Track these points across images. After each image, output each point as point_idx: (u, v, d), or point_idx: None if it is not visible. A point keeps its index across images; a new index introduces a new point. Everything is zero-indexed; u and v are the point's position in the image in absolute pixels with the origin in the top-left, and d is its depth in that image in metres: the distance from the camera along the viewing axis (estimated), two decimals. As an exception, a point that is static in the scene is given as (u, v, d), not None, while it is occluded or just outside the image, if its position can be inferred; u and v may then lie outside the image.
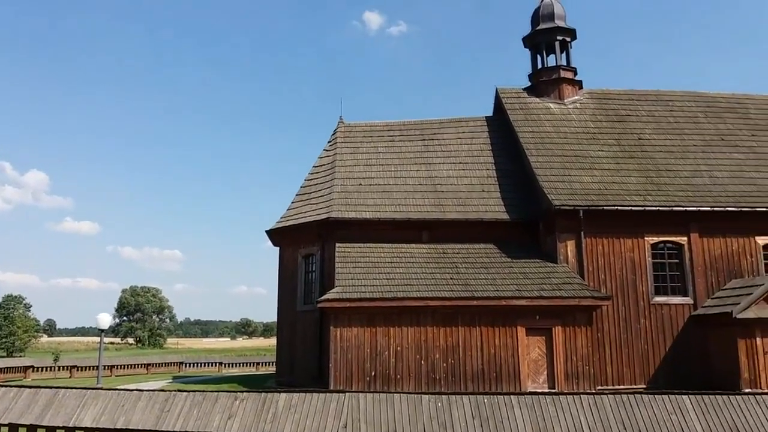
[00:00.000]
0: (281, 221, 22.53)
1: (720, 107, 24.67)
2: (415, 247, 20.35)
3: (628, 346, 18.80)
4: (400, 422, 5.87)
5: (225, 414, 6.10)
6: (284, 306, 22.48)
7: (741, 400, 7.14)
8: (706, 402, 6.91)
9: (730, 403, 7.01)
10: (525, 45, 26.15)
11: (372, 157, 23.33)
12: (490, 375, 17.29)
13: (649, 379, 18.57)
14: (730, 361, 17.56)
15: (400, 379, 17.15)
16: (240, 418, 6.02)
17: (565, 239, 19.38)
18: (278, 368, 22.86)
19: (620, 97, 24.87)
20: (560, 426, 6.05)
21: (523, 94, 24.85)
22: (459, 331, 17.53)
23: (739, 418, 6.86)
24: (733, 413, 6.94)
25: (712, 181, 20.89)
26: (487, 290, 17.81)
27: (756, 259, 19.64)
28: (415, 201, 21.45)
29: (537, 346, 17.54)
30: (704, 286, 19.35)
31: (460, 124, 24.76)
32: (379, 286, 18.01)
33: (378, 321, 17.50)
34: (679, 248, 19.65)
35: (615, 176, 20.85)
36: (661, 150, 22.30)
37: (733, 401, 7.06)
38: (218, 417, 6.11)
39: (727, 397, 6.97)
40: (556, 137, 22.52)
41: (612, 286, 19.11)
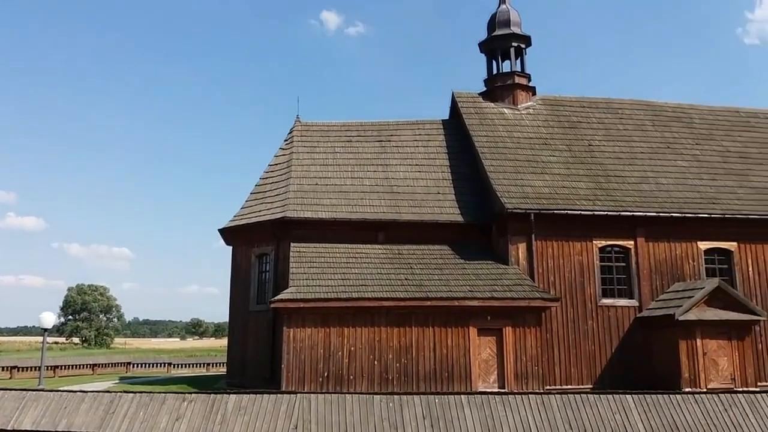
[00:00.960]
0: (235, 220, 22.22)
1: (666, 116, 25.58)
2: (371, 247, 20.38)
3: (576, 347, 19.28)
4: (352, 423, 5.87)
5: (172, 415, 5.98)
6: (236, 306, 22.18)
7: (681, 399, 7.42)
8: (648, 401, 7.14)
9: (670, 402, 7.26)
10: (481, 50, 26.53)
11: (329, 157, 23.25)
12: (442, 375, 17.45)
13: (596, 380, 19.09)
14: (671, 361, 18.21)
15: (353, 380, 17.13)
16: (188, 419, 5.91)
17: (517, 242, 19.74)
18: (229, 369, 22.53)
19: (572, 104, 25.50)
20: (509, 425, 6.17)
21: (479, 98, 25.21)
22: (412, 332, 17.63)
23: (678, 417, 7.11)
24: (673, 412, 7.20)
25: (658, 188, 21.63)
26: (441, 291, 17.98)
27: (698, 263, 20.44)
28: (372, 202, 21.48)
29: (488, 347, 17.81)
30: (649, 289, 20.01)
31: (417, 127, 24.93)
32: (334, 286, 17.96)
33: (332, 321, 17.44)
34: (625, 252, 20.27)
35: (565, 181, 21.36)
36: (610, 156, 22.97)
37: (673, 400, 7.33)
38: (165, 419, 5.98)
39: (667, 396, 7.23)
40: (509, 142, 22.92)
41: (561, 288, 19.57)
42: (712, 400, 7.25)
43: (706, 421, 7.17)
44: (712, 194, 21.63)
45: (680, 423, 6.83)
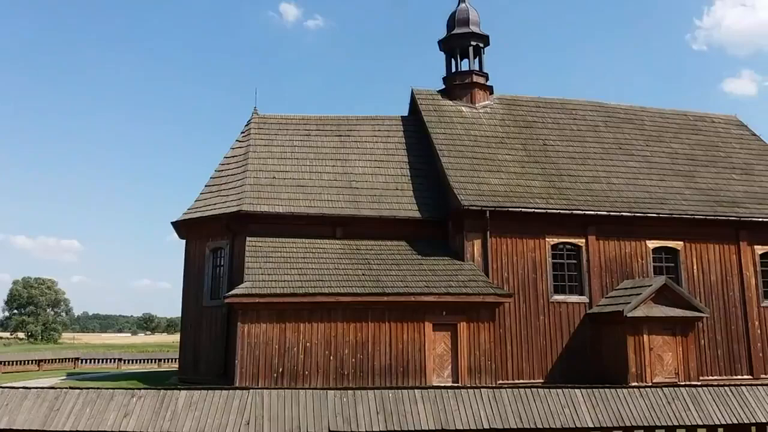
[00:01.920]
0: (189, 213, 21.79)
1: (618, 118, 26.29)
2: (329, 242, 20.30)
3: (528, 342, 19.67)
4: (305, 418, 5.85)
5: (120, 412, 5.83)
6: (189, 301, 21.78)
7: (627, 393, 7.64)
8: (596, 395, 7.33)
9: (617, 396, 7.47)
10: (440, 48, 26.70)
11: (287, 150, 23.03)
12: (397, 370, 17.55)
13: (547, 374, 19.51)
14: (619, 356, 18.77)
15: (308, 375, 17.05)
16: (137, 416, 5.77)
17: (473, 238, 19.99)
18: (182, 365, 22.13)
19: (528, 103, 25.94)
20: (461, 419, 6.25)
21: (437, 96, 25.38)
22: (369, 327, 17.67)
23: (624, 410, 7.32)
24: (620, 405, 7.40)
25: (609, 187, 22.22)
26: (398, 286, 18.06)
27: (646, 261, 21.10)
28: (330, 197, 21.39)
29: (443, 342, 17.99)
30: (599, 285, 20.55)
31: (376, 122, 24.93)
32: (290, 281, 17.83)
33: (288, 317, 17.31)
34: (577, 249, 20.77)
35: (520, 179, 21.72)
36: (564, 156, 23.47)
37: (620, 394, 7.54)
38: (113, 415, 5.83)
39: (614, 390, 7.44)
40: (466, 140, 23.16)
41: (514, 284, 19.91)
42: (657, 394, 7.50)
43: (651, 414, 7.41)
44: (661, 194, 22.36)
45: (626, 415, 7.04)
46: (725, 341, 21.07)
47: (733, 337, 21.18)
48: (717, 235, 21.71)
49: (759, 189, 23.84)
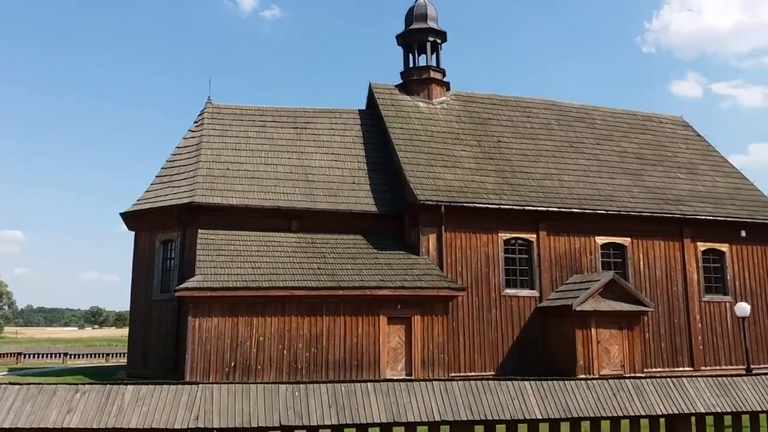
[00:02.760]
0: (138, 204, 21.22)
1: (571, 116, 26.88)
2: (284, 236, 20.12)
3: (480, 335, 19.97)
4: (256, 412, 5.77)
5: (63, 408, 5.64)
6: (139, 294, 21.25)
7: (574, 384, 7.82)
8: (545, 387, 7.48)
9: (564, 388, 7.64)
10: (398, 43, 26.72)
11: (241, 141, 22.68)
12: (351, 363, 17.56)
13: (498, 366, 19.87)
14: (568, 349, 19.25)
15: (261, 370, 16.90)
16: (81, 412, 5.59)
17: (428, 233, 20.14)
18: (130, 360, 21.59)
19: (483, 100, 26.24)
20: (413, 411, 6.28)
21: (395, 90, 25.41)
22: (323, 321, 17.61)
23: (571, 401, 7.50)
24: (567, 397, 7.57)
25: (561, 184, 22.72)
26: (353, 280, 18.06)
27: (594, 256, 21.69)
28: (286, 189, 21.18)
29: (397, 335, 18.10)
30: (549, 280, 21.02)
31: (333, 115, 24.79)
32: (244, 275, 17.60)
33: (240, 311, 17.09)
34: (528, 245, 21.17)
35: (475, 175, 21.99)
36: (517, 153, 23.86)
37: (567, 386, 7.71)
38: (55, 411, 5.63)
39: (562, 382, 7.61)
40: (423, 135, 23.29)
41: (468, 278, 20.16)
42: (602, 386, 7.71)
43: (596, 405, 7.61)
44: (610, 192, 22.99)
45: (573, 407, 7.22)
46: (668, 334, 21.87)
47: (676, 330, 22.00)
48: (662, 231, 22.49)
49: (702, 188, 24.80)
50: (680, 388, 8.24)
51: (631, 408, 7.79)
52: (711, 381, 8.56)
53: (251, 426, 5.63)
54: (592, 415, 7.59)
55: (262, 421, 5.66)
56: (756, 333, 22.75)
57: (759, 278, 23.43)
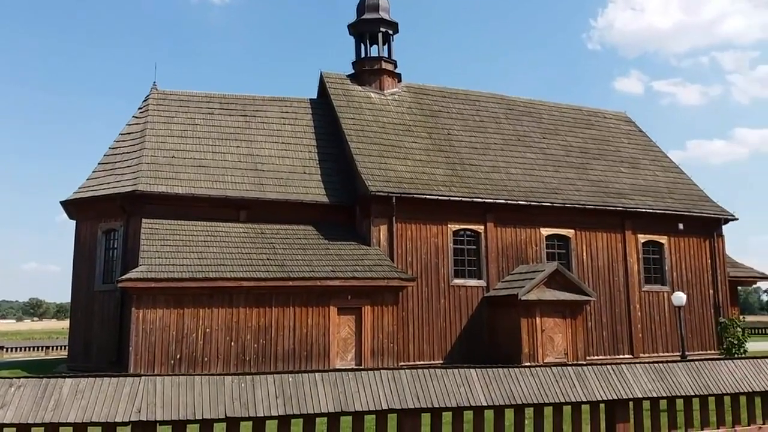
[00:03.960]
0: (80, 192, 20.48)
1: (518, 110, 27.36)
2: (232, 226, 19.79)
3: (429, 325, 20.20)
4: (200, 405, 5.67)
5: (-4, 404, 5.40)
6: (80, 285, 20.54)
7: (518, 372, 8.00)
8: (490, 375, 7.63)
9: (509, 375, 7.81)
10: (350, 32, 26.57)
11: (188, 128, 22.14)
12: (301, 354, 17.49)
13: (446, 355, 20.17)
14: (514, 337, 19.70)
15: (207, 362, 16.64)
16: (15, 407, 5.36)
17: (379, 224, 20.20)
18: (71, 353, 20.89)
19: (434, 93, 26.42)
20: (361, 401, 6.30)
21: (347, 80, 25.29)
22: (272, 312, 17.46)
23: (516, 388, 7.68)
24: (511, 384, 7.74)
25: (508, 177, 23.14)
26: (303, 271, 17.95)
27: (540, 247, 22.21)
28: (234, 178, 20.82)
29: (347, 325, 18.12)
30: (496, 270, 21.43)
31: (284, 104, 24.48)
32: (190, 265, 17.24)
33: (186, 302, 16.76)
34: (476, 236, 21.51)
35: (425, 167, 22.15)
36: (467, 146, 24.16)
37: (511, 373, 7.88)
38: (-12, 408, 5.38)
39: (507, 369, 7.77)
40: (375, 126, 23.28)
41: (418, 268, 20.35)
42: (545, 373, 7.91)
43: (540, 392, 7.81)
44: (555, 185, 23.56)
45: (517, 393, 7.39)
46: (610, 323, 22.65)
47: (616, 319, 22.81)
48: (605, 224, 23.22)
49: (643, 182, 25.71)
50: (619, 375, 8.56)
51: (573, 394, 8.05)
52: (648, 367, 8.92)
53: (195, 418, 5.53)
54: (536, 401, 7.80)
55: (207, 413, 5.55)
56: (691, 321, 23.83)
57: (695, 269, 24.51)
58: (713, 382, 9.07)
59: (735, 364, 9.63)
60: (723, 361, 9.66)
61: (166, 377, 5.71)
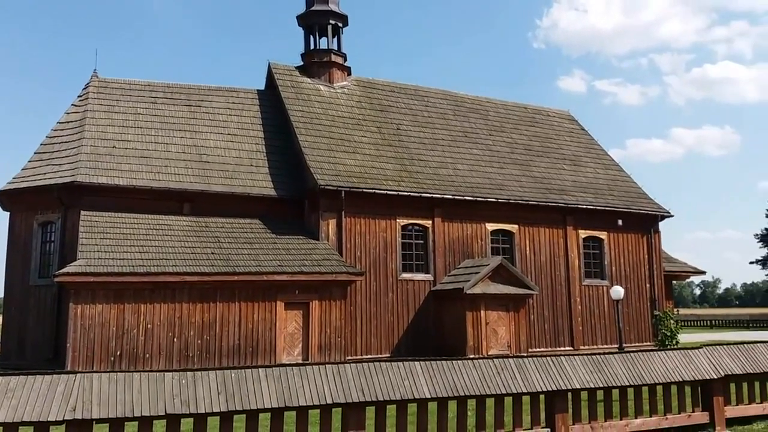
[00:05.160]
0: (14, 182, 19.56)
1: (466, 107, 27.73)
2: (175, 219, 19.33)
3: (377, 319, 20.30)
4: (139, 402, 5.55)
5: None
6: (14, 279, 19.64)
7: (462, 364, 8.16)
8: (434, 367, 7.75)
9: (452, 367, 7.96)
10: (299, 23, 26.29)
11: (129, 118, 21.45)
12: (246, 350, 17.28)
13: (393, 348, 20.32)
14: (459, 330, 20.01)
15: (149, 358, 16.23)
16: (-61, 409, 5.12)
17: (328, 218, 20.13)
18: (4, 350, 19.93)
19: (383, 87, 26.47)
20: (305, 395, 6.30)
21: (296, 72, 25.03)
22: (217, 307, 17.17)
23: (459, 380, 7.83)
24: (455, 376, 7.89)
25: (455, 173, 23.44)
26: (249, 265, 17.70)
27: (485, 242, 22.62)
28: (178, 170, 20.32)
29: (294, 320, 18.00)
30: (443, 264, 21.70)
31: (230, 94, 24.03)
32: (131, 259, 16.75)
33: (127, 297, 16.28)
34: (424, 230, 21.73)
35: (375, 161, 22.20)
36: (415, 141, 24.33)
37: (455, 365, 8.04)
38: None
39: (450, 362, 7.92)
40: (324, 119, 23.15)
41: (366, 262, 20.40)
42: (488, 365, 8.09)
43: (482, 384, 7.98)
44: (500, 181, 24.02)
45: (460, 385, 7.53)
46: (551, 316, 23.30)
47: (558, 312, 23.48)
48: (547, 219, 23.84)
49: (585, 179, 26.50)
50: (559, 366, 8.83)
51: (514, 386, 8.26)
52: (586, 359, 9.25)
53: (134, 415, 5.41)
54: (478, 393, 7.98)
55: (146, 410, 5.45)
56: (628, 314, 24.76)
57: (632, 264, 25.47)
58: (647, 373, 9.47)
59: (667, 355, 10.09)
60: (656, 353, 10.11)
61: (103, 374, 5.56)
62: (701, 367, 9.83)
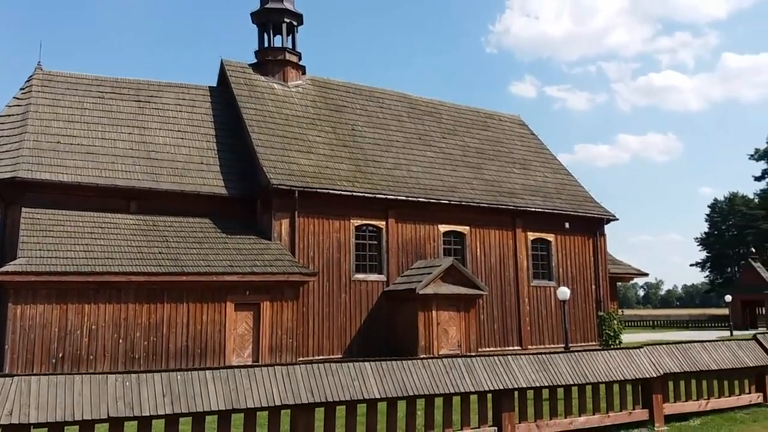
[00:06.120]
0: (-52, 177, 18.65)
1: (420, 110, 27.96)
2: (122, 217, 18.81)
3: (330, 320, 20.25)
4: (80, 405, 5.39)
5: None
6: (-53, 279, 18.73)
7: (411, 364, 8.23)
8: (384, 367, 7.80)
9: (402, 367, 8.02)
10: (253, 21, 25.99)
11: (75, 112, 20.76)
12: (194, 352, 16.96)
13: (345, 349, 20.30)
14: (411, 330, 20.16)
15: (93, 360, 15.74)
16: None
17: (280, 217, 19.96)
18: (-66, 353, 19.01)
19: (339, 87, 26.43)
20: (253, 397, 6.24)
21: (249, 69, 24.72)
22: (164, 308, 16.79)
23: (408, 379, 7.89)
24: (404, 375, 7.96)
25: (409, 174, 23.62)
26: (198, 266, 17.38)
27: (437, 243, 22.86)
28: (125, 167, 19.78)
29: (245, 321, 17.77)
30: (396, 265, 21.82)
31: (181, 90, 23.54)
32: (75, 258, 16.21)
33: (71, 298, 15.75)
34: (378, 231, 21.80)
35: (329, 162, 22.14)
36: (370, 142, 24.39)
37: (404, 365, 8.10)
38: None
39: (400, 362, 7.98)
40: (278, 118, 22.94)
41: (320, 263, 20.32)
42: (437, 364, 8.18)
43: (431, 383, 8.06)
44: (453, 183, 24.33)
45: (409, 385, 7.59)
46: (500, 316, 23.73)
47: (507, 312, 23.93)
48: (498, 221, 24.28)
49: (534, 182, 27.10)
50: (506, 366, 9.02)
51: (462, 385, 8.39)
52: (532, 358, 9.47)
53: (74, 419, 5.25)
54: (427, 392, 8.07)
55: (88, 413, 5.29)
56: (575, 315, 25.45)
57: (579, 266, 26.19)
58: (590, 372, 9.77)
59: (610, 354, 10.43)
60: (599, 352, 10.43)
61: (42, 377, 5.36)
62: (642, 366, 10.20)
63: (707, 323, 50.43)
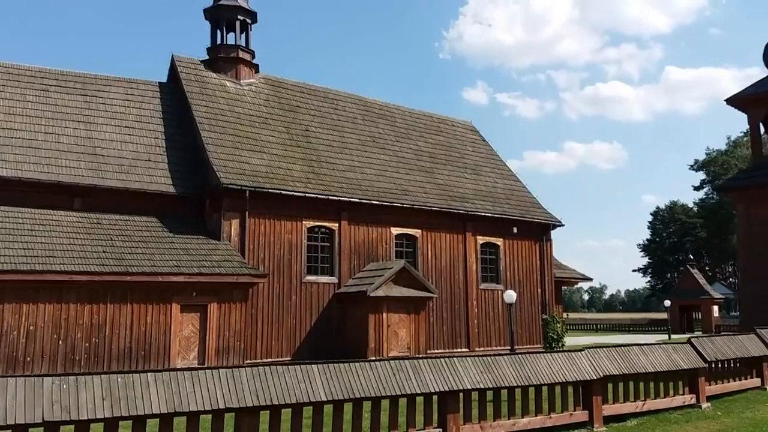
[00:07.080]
0: None
1: (374, 113, 28.06)
2: (64, 214, 18.19)
3: (279, 322, 20.08)
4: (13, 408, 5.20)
5: None
6: None
7: (358, 366, 8.27)
8: (331, 370, 7.80)
9: (349, 369, 8.05)
10: (206, 17, 25.56)
11: (17, 105, 19.97)
12: (138, 354, 16.53)
13: (295, 352, 20.16)
14: (362, 333, 20.20)
15: (30, 362, 15.16)
16: None
17: (230, 218, 19.68)
18: None
19: (293, 87, 26.27)
20: (196, 400, 6.15)
21: (201, 66, 24.30)
22: (107, 309, 16.31)
23: (355, 381, 7.92)
24: (351, 378, 7.98)
25: (363, 177, 23.67)
26: (144, 266, 16.95)
27: (389, 246, 22.98)
28: (69, 163, 19.14)
29: (191, 323, 17.44)
30: (348, 267, 21.82)
31: (130, 86, 22.95)
32: (12, 256, 15.58)
33: (8, 297, 15.13)
34: (330, 233, 21.75)
35: (282, 162, 21.97)
36: (324, 143, 24.33)
37: (352, 368, 8.13)
38: None
39: (347, 364, 8.01)
40: (230, 116, 22.63)
41: (270, 264, 20.12)
42: (384, 367, 8.24)
43: (378, 385, 8.11)
44: (406, 187, 24.51)
45: (356, 387, 7.63)
46: (450, 319, 24.02)
47: (456, 315, 24.24)
48: (449, 225, 24.58)
49: (484, 187, 27.57)
50: (451, 368, 9.16)
51: (409, 387, 8.48)
52: (477, 360, 9.64)
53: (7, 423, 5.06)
54: (374, 394, 8.12)
55: (21, 417, 5.11)
56: (521, 318, 25.98)
57: (525, 269, 26.76)
58: (533, 374, 10.02)
59: (553, 357, 10.71)
60: (542, 355, 10.71)
61: (-28, 380, 5.16)
62: (582, 369, 10.53)
63: (648, 327, 52.28)
